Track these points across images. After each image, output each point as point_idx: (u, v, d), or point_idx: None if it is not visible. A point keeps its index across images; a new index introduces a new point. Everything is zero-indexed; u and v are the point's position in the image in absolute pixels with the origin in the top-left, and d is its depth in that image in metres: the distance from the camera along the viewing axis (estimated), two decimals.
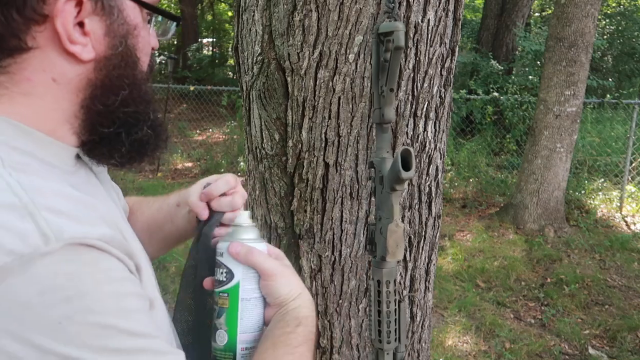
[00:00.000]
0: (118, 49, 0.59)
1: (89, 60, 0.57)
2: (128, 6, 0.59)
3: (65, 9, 0.54)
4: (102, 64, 0.58)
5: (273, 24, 1.23)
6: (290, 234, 1.35)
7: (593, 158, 6.22)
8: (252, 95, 1.35)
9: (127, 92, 0.60)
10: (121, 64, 0.59)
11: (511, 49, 8.65)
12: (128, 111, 0.61)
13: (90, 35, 0.56)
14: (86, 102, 0.59)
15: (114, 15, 0.58)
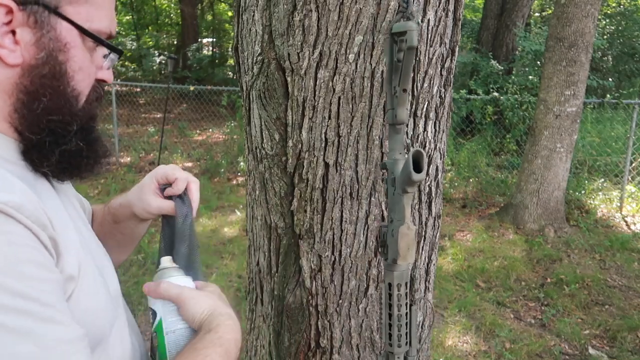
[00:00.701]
0: (43, 59, 0.63)
1: (14, 64, 0.62)
2: (63, 26, 0.64)
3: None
4: (28, 71, 0.63)
5: (273, 24, 1.23)
6: (290, 234, 1.35)
7: (593, 158, 6.22)
8: (252, 95, 1.35)
9: (48, 99, 0.64)
10: (47, 74, 0.63)
11: (511, 49, 8.65)
12: (52, 119, 0.65)
13: (20, 44, 0.62)
14: (16, 105, 0.63)
15: (44, 30, 0.63)
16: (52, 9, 0.63)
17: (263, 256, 1.45)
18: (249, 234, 1.53)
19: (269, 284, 1.43)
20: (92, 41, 0.68)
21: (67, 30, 0.64)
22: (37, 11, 0.62)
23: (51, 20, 0.63)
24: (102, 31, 0.68)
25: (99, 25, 0.68)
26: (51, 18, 0.63)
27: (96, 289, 0.67)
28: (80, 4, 0.65)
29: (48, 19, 0.63)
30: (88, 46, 0.68)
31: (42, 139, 0.65)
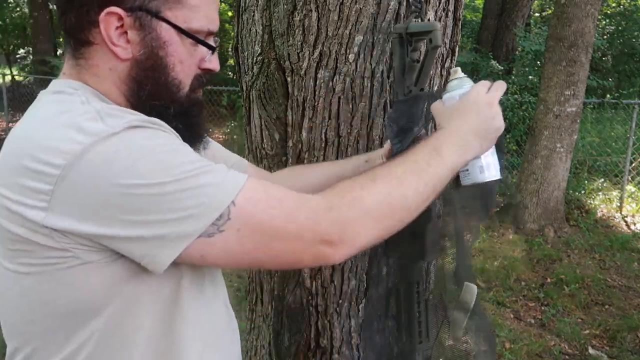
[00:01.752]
0: (147, 54, 0.77)
1: (126, 58, 0.76)
2: (163, 27, 0.77)
3: (106, 19, 0.74)
4: (135, 64, 0.77)
5: (273, 24, 1.23)
6: None
7: (593, 158, 6.22)
8: (252, 95, 1.35)
9: (150, 87, 0.77)
10: (149, 67, 0.77)
11: (511, 49, 8.64)
12: (154, 104, 0.78)
13: (131, 42, 0.76)
14: (128, 92, 0.78)
15: (147, 31, 0.76)
16: (154, 14, 0.76)
17: None
18: None
19: (269, 284, 1.43)
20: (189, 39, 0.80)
21: (166, 30, 0.77)
22: (142, 16, 0.75)
23: (153, 23, 0.76)
24: (199, 30, 0.79)
25: (196, 24, 0.79)
26: (153, 21, 0.76)
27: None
28: (178, 8, 0.77)
29: (150, 22, 0.76)
30: (188, 43, 0.79)
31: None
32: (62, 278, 0.68)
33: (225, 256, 0.69)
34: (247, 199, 0.69)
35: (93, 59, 0.77)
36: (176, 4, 0.77)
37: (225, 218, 0.67)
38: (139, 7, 0.75)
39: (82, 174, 0.64)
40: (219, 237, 0.67)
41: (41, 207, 0.64)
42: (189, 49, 0.80)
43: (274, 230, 0.69)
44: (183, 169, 0.67)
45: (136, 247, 0.66)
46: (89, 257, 0.67)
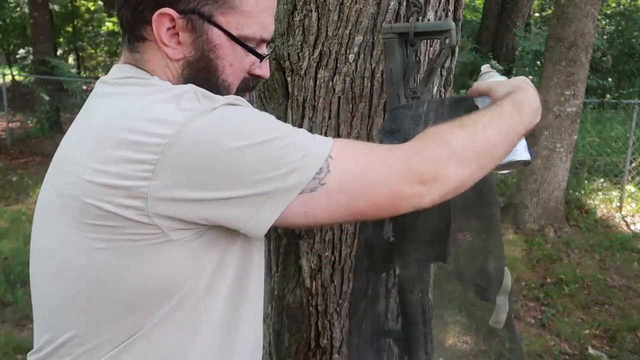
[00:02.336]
0: (198, 56, 0.79)
1: (178, 59, 0.78)
2: (214, 31, 0.78)
3: (159, 20, 0.75)
4: (187, 65, 0.79)
5: None
6: (290, 234, 1.35)
7: (593, 158, 6.22)
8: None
9: (204, 87, 0.76)
10: (201, 68, 0.79)
11: (511, 49, 8.65)
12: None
13: (182, 43, 0.78)
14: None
15: (198, 34, 0.77)
16: (206, 18, 0.77)
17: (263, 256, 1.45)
18: None
19: (269, 284, 1.43)
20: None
21: (217, 34, 0.78)
22: (194, 19, 0.76)
23: (204, 26, 0.77)
24: (250, 37, 0.80)
25: (249, 31, 0.79)
26: (204, 25, 0.77)
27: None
28: (231, 14, 0.78)
29: (202, 26, 0.77)
30: (239, 48, 0.80)
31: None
32: (143, 253, 0.70)
33: (329, 209, 0.71)
34: (342, 150, 0.73)
35: (147, 53, 0.79)
36: (229, 9, 0.78)
37: (325, 171, 0.70)
38: (191, 10, 0.76)
39: (188, 142, 0.66)
40: (321, 190, 0.69)
41: (144, 176, 0.66)
42: (239, 54, 0.81)
43: (372, 174, 0.72)
44: (280, 129, 0.72)
45: (240, 209, 0.68)
46: (176, 235, 0.69)
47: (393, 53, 0.99)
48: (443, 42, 0.94)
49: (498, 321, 0.94)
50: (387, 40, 0.99)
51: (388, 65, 0.99)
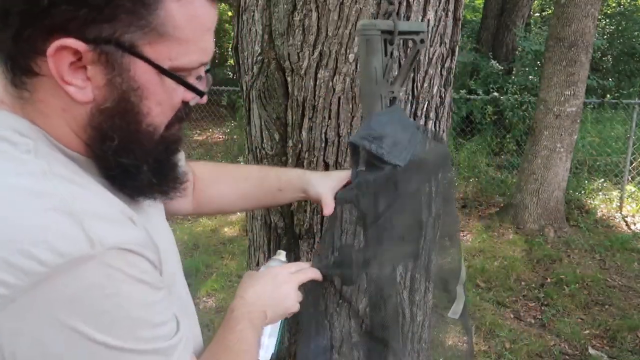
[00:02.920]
0: (115, 102, 0.59)
1: (84, 102, 0.58)
2: (139, 66, 0.59)
3: (58, 54, 0.55)
4: (98, 111, 0.59)
5: (273, 24, 1.23)
6: (290, 234, 1.35)
7: (593, 158, 6.22)
8: (252, 95, 1.35)
9: (117, 143, 0.61)
10: (116, 116, 0.60)
11: (511, 49, 8.64)
12: (122, 162, 0.62)
13: (91, 81, 0.58)
14: (90, 141, 0.61)
15: (116, 71, 0.58)
16: (127, 49, 0.57)
17: (263, 256, 1.45)
18: (249, 234, 1.53)
19: None
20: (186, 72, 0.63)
21: (144, 70, 0.59)
22: (110, 51, 0.57)
23: (125, 60, 0.58)
24: (186, 67, 0.62)
25: (184, 60, 0.62)
26: (125, 58, 0.58)
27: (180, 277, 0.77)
28: (161, 42, 0.59)
29: (121, 60, 0.58)
30: (170, 81, 0.62)
31: (114, 175, 0.64)
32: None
33: None
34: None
35: (39, 92, 0.58)
36: (159, 37, 0.58)
37: None
38: (106, 40, 0.56)
39: (35, 303, 0.50)
40: None
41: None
42: (169, 88, 0.63)
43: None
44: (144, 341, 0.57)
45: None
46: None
47: (376, 51, 0.94)
48: (418, 42, 0.93)
49: (456, 311, 0.96)
50: (370, 37, 0.95)
51: (371, 63, 0.95)
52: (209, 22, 0.63)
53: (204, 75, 0.68)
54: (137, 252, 0.56)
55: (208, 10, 0.62)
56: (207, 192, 1.03)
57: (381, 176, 0.89)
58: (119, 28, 0.56)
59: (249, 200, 1.08)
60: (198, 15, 0.61)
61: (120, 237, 0.55)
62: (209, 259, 4.21)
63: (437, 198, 1.38)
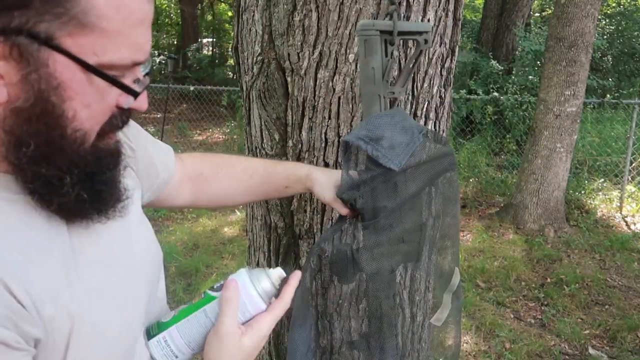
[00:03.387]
0: (30, 101, 0.51)
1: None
2: (58, 61, 0.51)
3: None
4: (13, 112, 0.52)
5: (273, 24, 1.23)
6: (290, 234, 1.35)
7: (593, 158, 6.22)
8: (252, 95, 1.35)
9: (33, 149, 0.53)
10: (33, 119, 0.52)
11: (511, 49, 8.64)
12: (41, 172, 0.55)
13: (5, 79, 0.51)
14: (7, 145, 0.54)
15: (31, 67, 0.50)
16: (43, 41, 0.50)
17: (263, 256, 1.45)
18: (249, 234, 1.53)
19: None
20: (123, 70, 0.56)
21: (65, 65, 0.52)
22: (22, 43, 0.49)
23: (42, 54, 0.50)
24: (116, 64, 0.55)
25: (113, 56, 0.54)
26: (42, 52, 0.50)
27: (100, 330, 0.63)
28: (83, 34, 0.52)
29: (37, 53, 0.50)
30: (99, 80, 0.55)
31: (35, 188, 0.56)
32: None
33: None
34: None
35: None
36: (81, 28, 0.51)
37: None
38: (17, 30, 0.49)
39: None
40: None
41: None
42: (99, 88, 0.55)
43: None
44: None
45: None
46: None
47: (375, 51, 0.93)
48: (421, 42, 0.92)
49: (439, 319, 0.95)
50: (368, 38, 0.94)
51: (369, 64, 0.94)
52: (140, 13, 0.55)
53: (142, 78, 0.59)
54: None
55: (138, 1, 0.55)
56: (209, 188, 1.00)
57: (377, 177, 0.88)
58: (32, 17, 0.49)
59: (253, 195, 1.05)
60: (126, 4, 0.54)
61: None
62: (209, 259, 4.21)
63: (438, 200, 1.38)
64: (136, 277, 0.72)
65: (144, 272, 0.75)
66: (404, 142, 0.87)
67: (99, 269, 0.65)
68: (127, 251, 0.71)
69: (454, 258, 0.97)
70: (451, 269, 0.95)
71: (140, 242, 0.75)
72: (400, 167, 0.86)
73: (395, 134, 0.87)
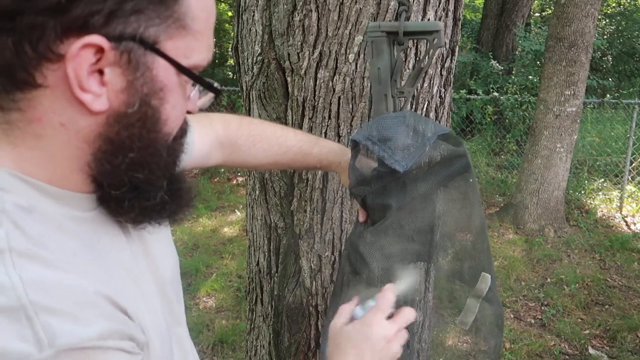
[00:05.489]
0: (135, 107, 0.52)
1: (99, 112, 0.51)
2: (160, 65, 0.52)
3: (81, 55, 0.48)
4: (114, 119, 0.52)
5: (273, 24, 1.23)
6: (290, 234, 1.35)
7: (593, 158, 6.22)
8: (252, 95, 1.35)
9: (135, 155, 0.54)
10: (136, 124, 0.53)
11: (511, 49, 8.65)
12: (137, 177, 0.55)
13: (107, 86, 0.51)
14: (98, 155, 0.54)
15: (139, 72, 0.51)
16: (150, 46, 0.51)
17: (263, 256, 1.45)
18: (249, 234, 1.53)
19: (269, 284, 1.43)
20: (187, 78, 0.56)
21: (165, 69, 0.53)
22: (132, 49, 0.50)
23: (147, 59, 0.51)
24: (199, 65, 0.56)
25: (198, 58, 0.55)
26: (147, 56, 0.51)
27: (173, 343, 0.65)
28: (180, 37, 0.53)
29: (144, 58, 0.51)
30: (183, 81, 0.56)
31: (123, 195, 0.56)
32: None
33: None
34: None
35: (35, 110, 0.50)
36: (180, 31, 0.53)
37: None
38: (130, 36, 0.49)
39: None
40: None
41: None
42: (184, 90, 0.57)
43: None
44: None
45: None
46: None
47: (381, 52, 0.95)
48: (431, 42, 0.93)
49: (464, 322, 0.94)
50: (375, 39, 0.96)
51: (375, 64, 0.96)
52: (215, 14, 0.57)
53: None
54: (101, 347, 0.49)
55: (213, 2, 0.57)
56: (242, 156, 1.01)
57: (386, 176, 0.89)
58: (143, 22, 0.50)
59: (281, 166, 1.14)
60: (208, 6, 0.55)
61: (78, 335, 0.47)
62: (209, 259, 4.21)
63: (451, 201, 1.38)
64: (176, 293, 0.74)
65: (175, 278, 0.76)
66: (413, 144, 0.87)
67: (151, 278, 0.66)
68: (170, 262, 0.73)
69: (477, 266, 0.96)
70: (476, 273, 0.95)
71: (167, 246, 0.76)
72: (405, 169, 0.86)
73: (404, 136, 0.88)
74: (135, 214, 0.58)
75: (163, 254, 0.71)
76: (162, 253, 0.71)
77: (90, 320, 0.49)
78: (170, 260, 0.74)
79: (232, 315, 3.39)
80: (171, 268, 0.73)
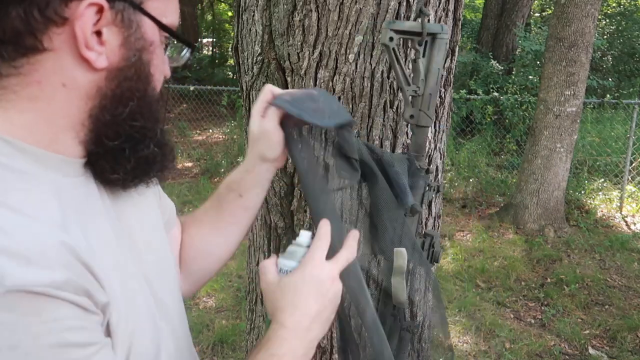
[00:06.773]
0: (131, 61, 0.59)
1: (101, 68, 0.57)
2: (147, 23, 0.60)
3: (86, 14, 0.54)
4: (114, 74, 0.59)
5: (273, 24, 1.23)
6: (290, 234, 1.35)
7: (593, 158, 6.22)
8: (252, 95, 1.35)
9: (135, 104, 0.61)
10: (133, 77, 0.60)
11: (511, 49, 8.65)
12: (135, 125, 0.61)
13: (105, 45, 0.57)
14: (94, 111, 0.59)
15: (132, 29, 0.59)
16: (137, 5, 0.59)
17: (263, 256, 1.45)
18: (249, 234, 1.53)
19: None
20: (165, 36, 0.64)
21: (150, 27, 0.61)
22: (124, 8, 0.57)
23: (136, 17, 0.59)
24: (172, 24, 0.64)
25: (171, 18, 0.64)
26: (137, 15, 0.59)
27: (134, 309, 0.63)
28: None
29: (135, 17, 0.59)
30: (162, 40, 0.64)
31: (120, 145, 0.61)
32: None
33: None
34: None
35: (37, 73, 0.55)
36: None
37: None
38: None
39: None
40: None
41: None
42: (162, 50, 0.65)
43: None
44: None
45: None
46: None
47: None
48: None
49: (400, 301, 0.95)
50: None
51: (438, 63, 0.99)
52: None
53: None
54: (52, 295, 0.48)
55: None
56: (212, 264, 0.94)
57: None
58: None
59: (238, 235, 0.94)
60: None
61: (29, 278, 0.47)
62: None
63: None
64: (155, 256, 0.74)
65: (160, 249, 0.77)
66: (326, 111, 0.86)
67: (127, 250, 0.67)
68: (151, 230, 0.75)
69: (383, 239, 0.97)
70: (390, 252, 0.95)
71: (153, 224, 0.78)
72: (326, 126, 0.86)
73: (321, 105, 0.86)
74: (131, 166, 0.63)
75: (142, 222, 0.72)
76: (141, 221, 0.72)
77: (45, 266, 0.49)
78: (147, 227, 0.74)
79: (232, 315, 3.39)
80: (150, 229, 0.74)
